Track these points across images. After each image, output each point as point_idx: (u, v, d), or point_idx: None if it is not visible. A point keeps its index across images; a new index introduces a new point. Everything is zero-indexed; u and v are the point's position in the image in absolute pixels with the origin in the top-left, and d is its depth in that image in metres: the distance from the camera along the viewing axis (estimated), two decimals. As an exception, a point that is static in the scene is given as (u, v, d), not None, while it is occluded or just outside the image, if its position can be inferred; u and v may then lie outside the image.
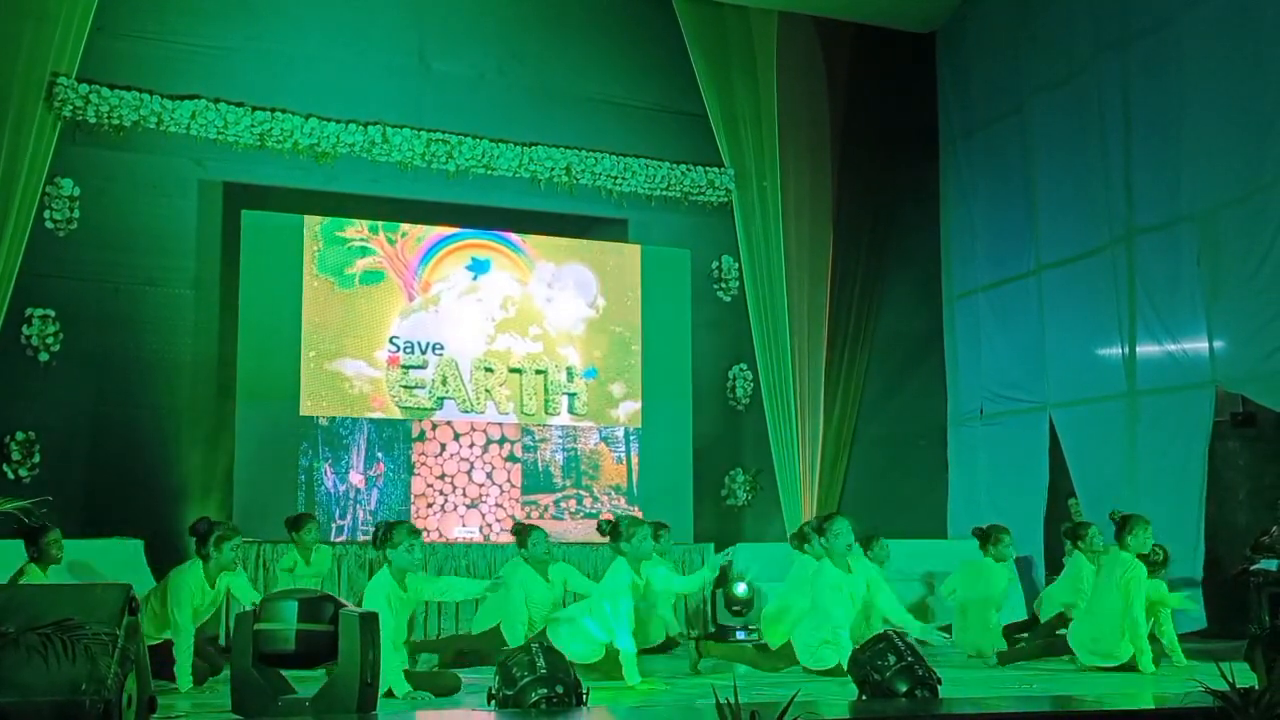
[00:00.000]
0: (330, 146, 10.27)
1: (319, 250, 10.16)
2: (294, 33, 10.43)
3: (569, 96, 11.30)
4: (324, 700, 4.90)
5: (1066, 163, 10.90)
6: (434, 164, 10.61)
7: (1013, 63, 11.58)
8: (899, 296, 12.30)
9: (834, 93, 12.19)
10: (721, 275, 11.74)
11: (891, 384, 12.02)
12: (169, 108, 9.81)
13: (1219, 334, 9.35)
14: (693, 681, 7.16)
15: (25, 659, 4.01)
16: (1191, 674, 6.95)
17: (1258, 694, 4.10)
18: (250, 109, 10.06)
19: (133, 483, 8.17)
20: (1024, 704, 5.12)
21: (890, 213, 12.28)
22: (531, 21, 11.24)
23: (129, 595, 4.41)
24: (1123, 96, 10.23)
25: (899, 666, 5.07)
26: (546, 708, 4.69)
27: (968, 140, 12.24)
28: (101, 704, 4.02)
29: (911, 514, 11.67)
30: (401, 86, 10.70)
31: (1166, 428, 9.73)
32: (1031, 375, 11.23)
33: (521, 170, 10.88)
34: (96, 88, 9.56)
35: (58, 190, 9.55)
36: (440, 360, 10.36)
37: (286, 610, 5.09)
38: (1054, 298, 11.07)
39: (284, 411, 9.70)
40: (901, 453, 11.94)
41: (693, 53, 11.58)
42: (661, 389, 11.02)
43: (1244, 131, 9.06)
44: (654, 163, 11.34)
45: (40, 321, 9.39)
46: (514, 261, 10.80)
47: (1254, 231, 8.95)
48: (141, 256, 9.85)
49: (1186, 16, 9.59)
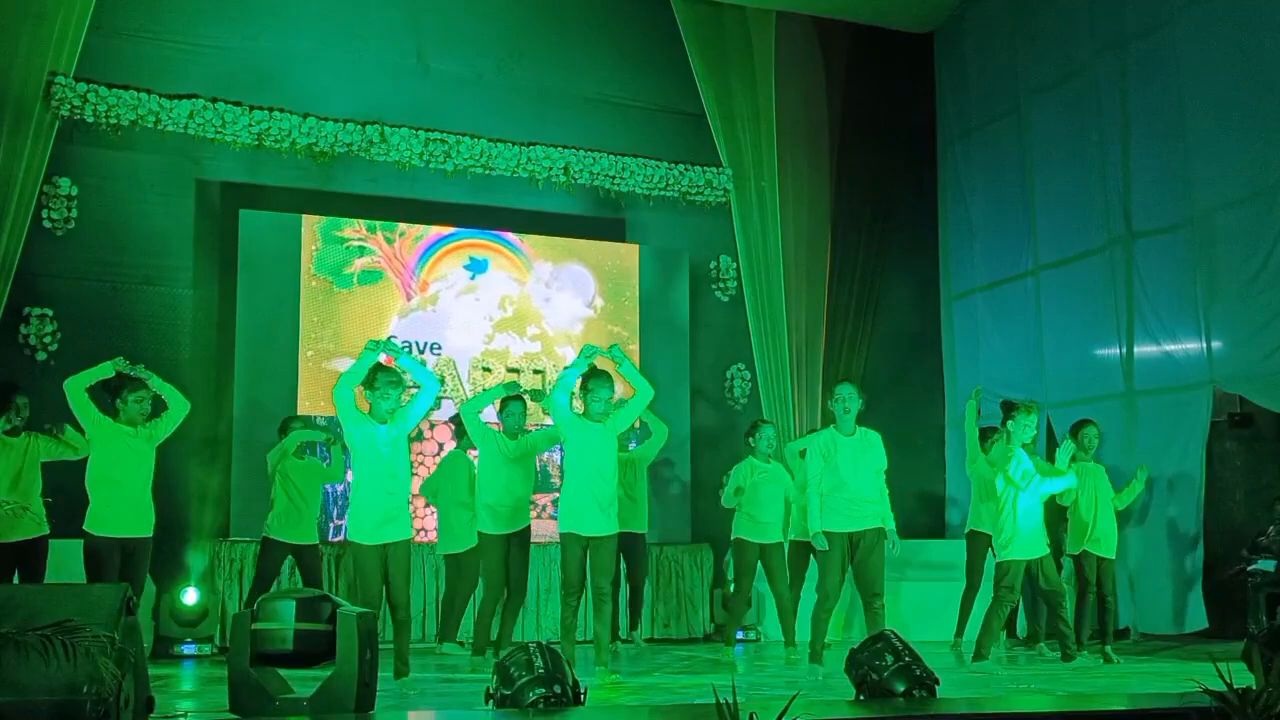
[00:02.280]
0: (328, 146, 10.26)
1: (317, 250, 10.16)
2: (292, 32, 10.43)
3: (567, 96, 11.31)
4: (321, 700, 4.90)
5: (1064, 163, 10.90)
6: (432, 163, 10.61)
7: (1011, 63, 11.59)
8: (897, 297, 12.30)
9: (832, 93, 12.19)
10: (719, 275, 11.74)
11: (889, 384, 12.00)
12: (167, 107, 9.80)
13: (1217, 334, 9.35)
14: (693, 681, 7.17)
15: (23, 659, 4.01)
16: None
17: (1255, 694, 4.10)
18: (248, 108, 10.06)
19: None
20: (1023, 704, 5.13)
21: (888, 213, 12.28)
22: (530, 21, 11.24)
23: (127, 596, 4.41)
24: (1121, 97, 10.23)
25: (896, 666, 5.07)
26: (544, 707, 4.68)
27: (966, 140, 12.25)
28: (100, 704, 4.02)
29: (910, 514, 11.68)
30: (400, 86, 10.70)
31: (1164, 428, 9.74)
32: (1029, 375, 11.23)
33: (520, 170, 10.88)
34: (94, 87, 9.55)
35: (55, 189, 9.55)
36: (438, 360, 10.36)
37: (284, 610, 5.08)
38: (1052, 298, 11.07)
39: (282, 411, 9.69)
40: (900, 453, 11.91)
41: (691, 53, 11.58)
42: (660, 389, 10.97)
43: (1244, 132, 9.06)
44: (652, 162, 11.34)
45: (38, 320, 9.39)
46: (512, 261, 10.80)
47: (1256, 232, 8.95)
48: (139, 256, 9.85)
49: (1185, 17, 9.59)
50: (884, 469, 7.36)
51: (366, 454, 6.53)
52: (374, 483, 6.51)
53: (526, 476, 7.93)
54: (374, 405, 6.55)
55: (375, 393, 6.53)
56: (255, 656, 5.05)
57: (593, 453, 7.30)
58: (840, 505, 7.19)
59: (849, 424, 7.32)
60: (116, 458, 7.12)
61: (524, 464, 7.91)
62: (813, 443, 7.53)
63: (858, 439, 7.31)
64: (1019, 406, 7.96)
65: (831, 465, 7.25)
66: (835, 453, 7.27)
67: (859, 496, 7.19)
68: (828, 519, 7.21)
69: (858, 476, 7.21)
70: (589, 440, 7.33)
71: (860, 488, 7.20)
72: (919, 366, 12.35)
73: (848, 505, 7.18)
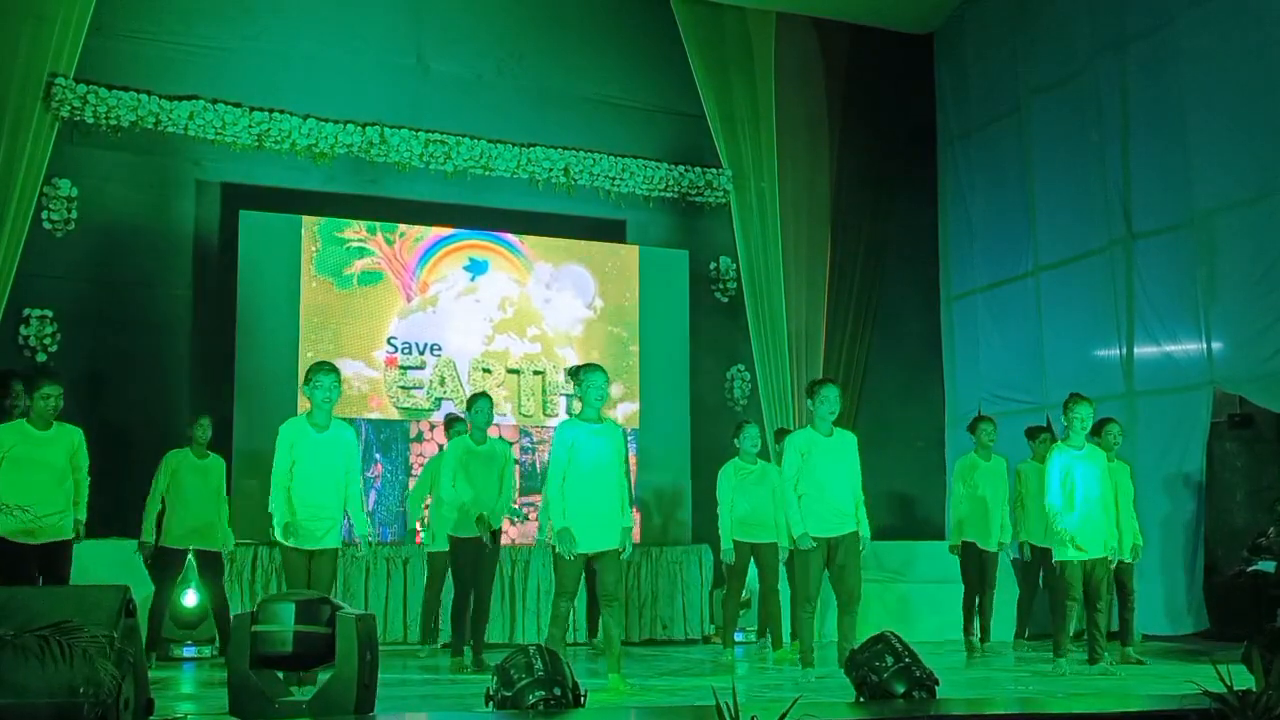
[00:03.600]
0: (328, 147, 10.26)
1: (317, 251, 10.16)
2: (292, 33, 10.43)
3: (567, 97, 11.31)
4: (321, 702, 4.89)
5: (1065, 163, 10.90)
6: (432, 164, 10.61)
7: (1010, 63, 11.59)
8: (897, 297, 12.30)
9: (832, 93, 12.19)
10: (719, 276, 11.74)
11: (889, 385, 12.01)
12: (167, 108, 9.80)
13: (1217, 335, 9.35)
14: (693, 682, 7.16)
15: (22, 661, 4.01)
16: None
17: (1255, 696, 4.10)
18: (248, 109, 10.06)
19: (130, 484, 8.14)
20: (1022, 705, 5.12)
21: (888, 213, 12.28)
22: (529, 22, 11.24)
23: (126, 597, 4.41)
24: (1121, 97, 10.23)
25: (896, 668, 5.06)
26: (545, 709, 4.68)
27: (966, 141, 12.24)
28: (99, 706, 4.01)
29: (909, 515, 11.69)
30: (400, 87, 10.71)
31: (1164, 429, 9.73)
32: (1030, 376, 11.23)
33: (519, 171, 10.88)
34: (94, 88, 9.55)
35: (55, 190, 9.55)
36: (438, 361, 10.36)
37: (283, 612, 5.08)
38: (1052, 298, 11.07)
39: (282, 413, 9.67)
40: (899, 454, 11.93)
41: (690, 53, 11.58)
42: (659, 390, 11.02)
43: (1246, 132, 9.06)
44: (652, 163, 11.35)
45: (38, 322, 9.39)
46: (512, 262, 10.80)
47: (1257, 233, 8.95)
48: (139, 257, 9.85)
49: (1185, 17, 9.58)
50: (859, 471, 7.28)
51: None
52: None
53: (491, 480, 7.93)
54: (311, 396, 6.65)
55: (309, 384, 6.65)
56: (255, 659, 5.05)
57: (592, 459, 6.73)
58: (819, 510, 7.13)
59: (828, 425, 7.26)
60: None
61: (491, 468, 7.94)
62: (790, 442, 7.43)
63: (835, 440, 7.26)
64: (1071, 397, 7.81)
65: (809, 466, 7.18)
66: (813, 453, 7.20)
67: (836, 501, 7.14)
68: (807, 523, 7.15)
69: (835, 480, 7.16)
70: (587, 445, 6.80)
71: (838, 492, 7.15)
72: (919, 367, 12.34)
73: (826, 510, 7.13)
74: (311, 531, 6.59)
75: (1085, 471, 7.57)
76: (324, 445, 6.66)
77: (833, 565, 7.16)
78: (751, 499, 8.61)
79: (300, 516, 6.56)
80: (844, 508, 7.15)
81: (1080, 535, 7.52)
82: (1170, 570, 9.49)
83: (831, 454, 7.20)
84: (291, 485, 6.57)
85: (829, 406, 7.21)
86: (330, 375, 6.67)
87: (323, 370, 6.69)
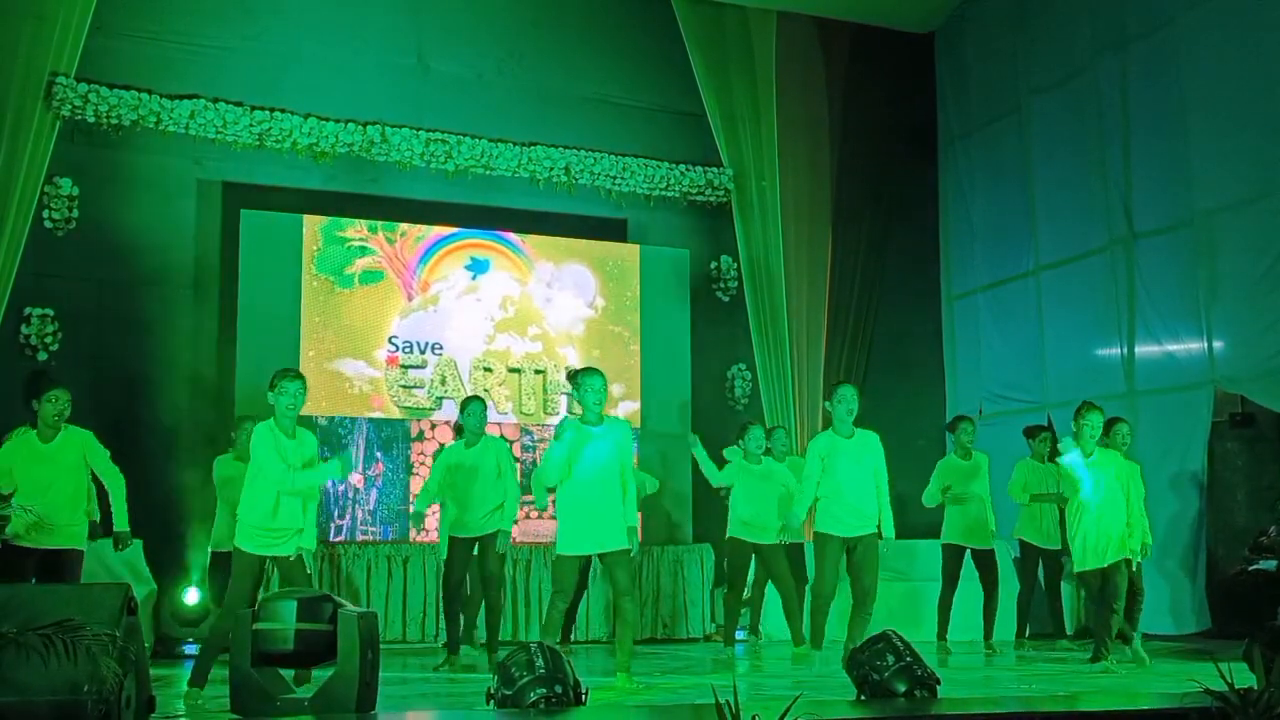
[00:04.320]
0: (329, 146, 10.26)
1: (318, 250, 10.16)
2: (293, 32, 10.42)
3: (568, 96, 11.30)
4: (322, 700, 4.90)
5: (1065, 163, 10.91)
6: (433, 164, 10.61)
7: (1011, 63, 11.59)
8: (898, 296, 12.30)
9: (833, 93, 12.19)
10: (720, 275, 11.74)
11: (890, 384, 11.99)
12: (168, 107, 9.79)
13: (1218, 334, 9.36)
14: (694, 680, 7.17)
15: (25, 659, 4.01)
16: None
17: (1256, 694, 4.10)
18: (249, 108, 10.05)
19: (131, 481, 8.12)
20: (1023, 704, 5.12)
21: (889, 213, 12.28)
22: (530, 22, 11.24)
23: (128, 595, 4.41)
24: (1122, 97, 10.23)
25: (898, 666, 5.06)
26: (545, 707, 4.68)
27: (966, 140, 12.25)
28: (102, 704, 4.02)
29: (910, 514, 11.66)
30: (400, 86, 10.70)
31: (1165, 428, 9.73)
32: (1030, 375, 11.24)
33: (520, 170, 10.87)
34: (95, 87, 9.55)
35: (56, 190, 9.55)
36: (439, 360, 10.36)
37: (285, 610, 5.08)
38: (1053, 298, 11.07)
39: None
40: (900, 453, 11.89)
41: (691, 53, 11.57)
42: (660, 389, 11.02)
43: (1246, 132, 9.06)
44: (653, 163, 11.34)
45: (39, 321, 9.39)
46: (513, 261, 10.80)
47: (1259, 232, 8.96)
48: (140, 256, 9.85)
49: (1186, 17, 9.59)
50: (883, 469, 7.33)
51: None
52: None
53: (486, 483, 7.89)
54: (275, 402, 6.50)
55: (274, 390, 6.50)
56: (257, 656, 5.05)
57: (593, 461, 6.64)
58: (836, 511, 7.20)
59: (848, 426, 7.31)
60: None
61: (486, 470, 7.90)
62: (812, 446, 7.50)
63: (856, 441, 7.30)
64: (1084, 405, 7.83)
65: (830, 469, 7.23)
66: (833, 456, 7.26)
67: (856, 502, 7.19)
68: (825, 523, 7.22)
69: (855, 481, 7.20)
70: (588, 447, 6.70)
71: (858, 493, 7.20)
72: (919, 366, 12.34)
73: (844, 512, 7.19)
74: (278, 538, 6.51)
75: (1096, 478, 7.61)
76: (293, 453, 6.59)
77: (851, 563, 7.22)
78: (755, 501, 8.61)
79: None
80: (863, 508, 7.20)
81: (1094, 540, 7.55)
82: (1172, 570, 9.49)
83: (851, 455, 7.25)
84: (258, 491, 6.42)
85: (846, 406, 7.25)
86: (296, 382, 6.54)
87: (288, 377, 6.54)
